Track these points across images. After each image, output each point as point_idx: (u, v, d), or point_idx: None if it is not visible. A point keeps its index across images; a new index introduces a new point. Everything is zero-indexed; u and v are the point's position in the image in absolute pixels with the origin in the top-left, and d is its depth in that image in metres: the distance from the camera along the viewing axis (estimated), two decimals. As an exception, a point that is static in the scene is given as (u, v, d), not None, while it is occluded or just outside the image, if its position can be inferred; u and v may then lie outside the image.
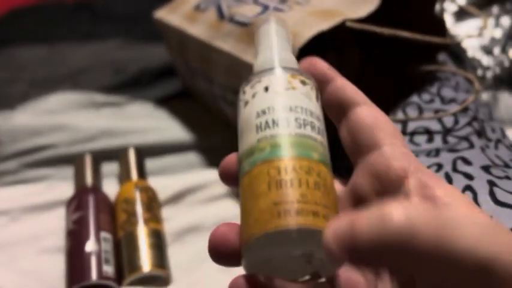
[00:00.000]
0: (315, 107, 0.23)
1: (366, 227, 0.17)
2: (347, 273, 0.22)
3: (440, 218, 0.17)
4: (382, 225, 0.16)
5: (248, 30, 0.43)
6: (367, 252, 0.17)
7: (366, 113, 0.23)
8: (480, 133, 0.43)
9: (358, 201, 0.23)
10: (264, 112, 0.22)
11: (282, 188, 0.19)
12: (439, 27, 0.47)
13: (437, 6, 0.64)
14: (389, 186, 0.21)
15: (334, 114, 0.25)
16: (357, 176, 0.23)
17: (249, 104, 0.23)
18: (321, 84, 0.25)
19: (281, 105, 0.22)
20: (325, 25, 0.39)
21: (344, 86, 0.24)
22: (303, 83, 0.23)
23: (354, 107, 0.23)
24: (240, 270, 0.43)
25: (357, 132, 0.23)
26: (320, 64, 0.25)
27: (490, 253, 0.16)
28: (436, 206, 0.20)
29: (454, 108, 0.44)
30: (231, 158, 0.24)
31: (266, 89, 0.23)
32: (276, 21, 0.27)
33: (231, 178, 0.24)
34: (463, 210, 0.19)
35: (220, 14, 0.47)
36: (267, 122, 0.21)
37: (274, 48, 0.25)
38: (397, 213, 0.17)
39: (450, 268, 0.17)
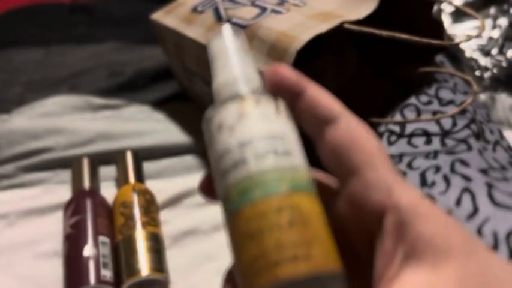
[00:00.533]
0: (277, 123, 0.21)
1: None
2: None
3: None
4: None
5: (246, 33, 0.43)
6: None
7: (342, 132, 0.21)
8: (478, 135, 0.43)
9: (342, 228, 0.22)
10: (222, 156, 0.20)
11: (255, 240, 0.18)
12: (437, 28, 0.47)
13: (435, 7, 0.64)
14: (367, 219, 0.20)
15: (310, 131, 0.22)
16: (339, 204, 0.21)
17: (210, 147, 0.21)
18: (292, 97, 0.22)
19: (235, 144, 0.20)
20: (323, 27, 0.39)
21: (316, 99, 0.21)
22: (257, 102, 0.21)
23: (328, 124, 0.21)
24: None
25: (334, 155, 0.21)
26: (285, 74, 0.22)
27: None
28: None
29: (452, 110, 0.44)
30: (207, 180, 0.23)
31: (219, 127, 0.21)
32: (229, 32, 0.24)
33: (212, 195, 0.23)
34: (424, 272, 0.17)
35: (218, 17, 0.47)
36: (227, 167, 0.20)
37: (225, 71, 0.23)
38: None
39: None
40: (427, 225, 0.18)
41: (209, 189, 0.22)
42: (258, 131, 0.20)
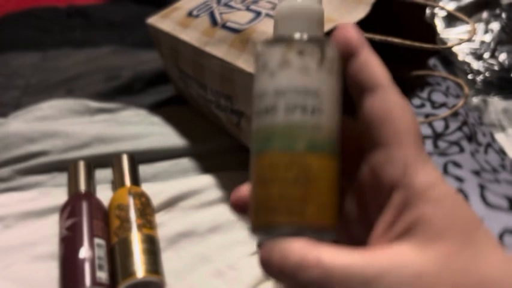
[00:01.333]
0: (313, 79, 0.21)
1: (290, 266, 0.19)
2: None
3: (362, 271, 0.18)
4: (300, 271, 0.19)
5: (240, 37, 0.44)
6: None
7: (378, 103, 0.21)
8: (470, 138, 0.44)
9: (361, 193, 0.23)
10: (259, 97, 0.22)
11: (264, 185, 0.21)
12: (429, 32, 0.48)
13: (428, 11, 0.65)
14: (382, 192, 0.21)
15: (353, 94, 0.23)
16: (362, 170, 0.23)
17: (253, 82, 0.23)
18: (346, 56, 0.22)
19: (271, 90, 0.21)
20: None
21: (365, 64, 0.21)
22: (301, 53, 0.21)
23: (369, 92, 0.21)
24: (234, 276, 0.43)
25: (367, 124, 0.21)
26: (348, 33, 0.22)
27: None
28: (371, 253, 0.19)
29: (445, 112, 0.45)
30: (242, 191, 0.24)
31: (264, 67, 0.22)
32: None
33: (243, 209, 0.24)
34: (405, 252, 0.18)
35: (213, 21, 0.48)
36: (261, 110, 0.22)
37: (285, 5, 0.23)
38: (311, 264, 0.19)
39: None
40: (429, 209, 0.19)
41: (241, 206, 0.24)
42: (294, 83, 0.21)
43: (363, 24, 0.41)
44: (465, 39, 0.40)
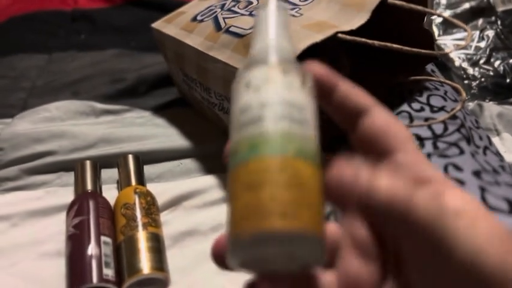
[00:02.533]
0: (299, 94, 0.22)
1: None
2: (350, 266, 0.22)
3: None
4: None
5: (244, 41, 0.45)
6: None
7: (378, 120, 0.23)
8: (469, 140, 0.45)
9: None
10: (243, 111, 0.22)
11: (253, 190, 0.20)
12: (427, 39, 0.49)
13: (427, 17, 0.66)
14: None
15: (343, 123, 0.24)
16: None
17: (234, 101, 0.23)
18: (325, 92, 0.24)
19: (258, 102, 0.22)
20: (318, 37, 0.41)
21: (349, 93, 0.23)
22: (285, 72, 0.22)
23: (363, 114, 0.23)
24: (236, 273, 0.44)
25: (370, 140, 0.23)
26: (318, 71, 0.23)
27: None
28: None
29: (443, 116, 0.46)
30: (221, 242, 0.23)
31: (247, 85, 0.22)
32: (276, 5, 0.26)
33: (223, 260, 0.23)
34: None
35: (217, 26, 0.49)
36: (246, 121, 0.21)
37: (264, 38, 0.24)
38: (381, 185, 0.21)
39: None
40: (456, 194, 0.21)
41: (221, 256, 0.23)
42: (280, 96, 0.22)
43: (363, 30, 0.43)
44: (461, 46, 0.41)
